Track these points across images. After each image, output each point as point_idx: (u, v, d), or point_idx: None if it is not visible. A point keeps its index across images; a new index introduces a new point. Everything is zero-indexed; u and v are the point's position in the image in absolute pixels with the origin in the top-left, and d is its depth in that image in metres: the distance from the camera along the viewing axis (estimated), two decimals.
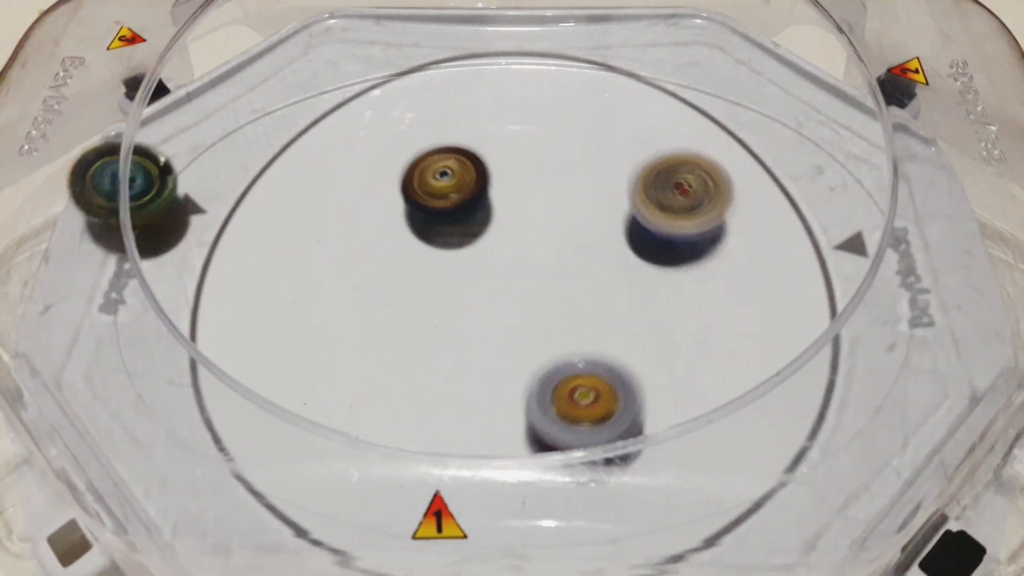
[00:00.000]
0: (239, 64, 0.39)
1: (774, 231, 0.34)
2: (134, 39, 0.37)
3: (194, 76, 0.39)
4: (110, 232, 0.32)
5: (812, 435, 0.28)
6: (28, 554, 0.28)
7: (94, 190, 0.33)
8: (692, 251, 0.34)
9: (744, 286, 0.33)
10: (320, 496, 0.27)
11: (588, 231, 0.34)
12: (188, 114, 0.37)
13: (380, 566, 0.27)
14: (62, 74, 0.36)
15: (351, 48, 0.40)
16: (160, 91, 0.37)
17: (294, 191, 0.36)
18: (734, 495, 0.27)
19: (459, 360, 0.31)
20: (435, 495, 0.26)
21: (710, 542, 0.26)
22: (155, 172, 0.34)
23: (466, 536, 0.26)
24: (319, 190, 0.36)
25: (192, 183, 0.35)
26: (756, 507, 0.27)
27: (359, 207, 0.35)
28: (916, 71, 0.35)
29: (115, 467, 0.28)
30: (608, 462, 0.27)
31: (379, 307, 0.33)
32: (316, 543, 0.27)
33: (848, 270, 0.33)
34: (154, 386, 0.29)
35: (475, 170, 0.34)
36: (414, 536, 0.26)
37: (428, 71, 0.39)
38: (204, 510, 0.27)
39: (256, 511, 0.27)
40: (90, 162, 0.33)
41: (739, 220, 0.34)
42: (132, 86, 0.35)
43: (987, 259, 0.31)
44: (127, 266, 0.32)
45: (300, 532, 0.27)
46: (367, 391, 0.31)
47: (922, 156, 0.33)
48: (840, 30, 0.35)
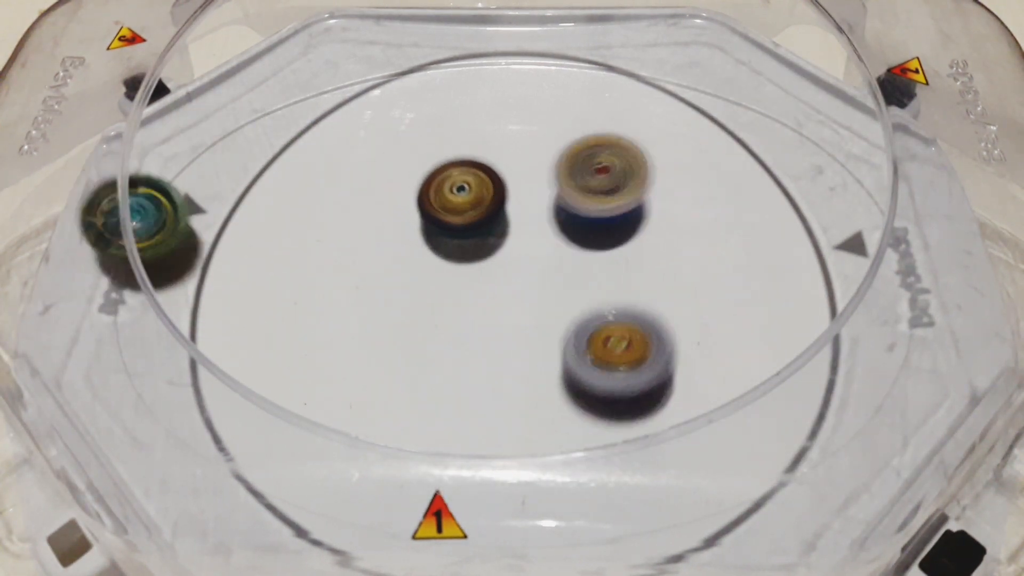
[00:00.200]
0: (239, 64, 0.39)
1: (774, 231, 0.34)
2: (134, 39, 0.37)
3: (194, 76, 0.39)
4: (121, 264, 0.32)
5: (812, 435, 0.28)
6: (28, 554, 0.28)
7: (109, 231, 0.32)
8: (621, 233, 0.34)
9: (744, 286, 0.33)
10: (320, 496, 0.27)
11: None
12: (188, 114, 0.37)
13: (380, 566, 0.27)
14: (62, 74, 0.36)
15: (351, 48, 0.40)
16: (160, 91, 0.37)
17: (294, 191, 0.36)
18: (734, 495, 0.27)
19: (459, 360, 0.31)
20: (435, 495, 0.26)
21: (710, 542, 0.26)
22: (166, 204, 0.33)
23: (466, 536, 0.26)
24: (319, 190, 0.36)
25: (192, 183, 0.35)
26: (756, 507, 0.27)
27: (359, 207, 0.35)
28: (916, 71, 0.35)
29: (115, 467, 0.28)
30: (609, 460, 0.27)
31: (379, 307, 0.33)
32: (316, 543, 0.27)
33: (848, 270, 0.33)
34: (154, 386, 0.29)
35: (492, 185, 0.34)
36: (414, 536, 0.26)
37: (428, 71, 0.39)
38: (204, 510, 0.27)
39: (256, 511, 0.27)
40: (98, 202, 0.32)
41: (739, 220, 0.34)
42: (132, 86, 0.35)
43: (987, 259, 0.31)
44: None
45: (300, 532, 0.27)
46: (367, 391, 0.31)
47: (922, 156, 0.33)
48: (840, 30, 0.35)
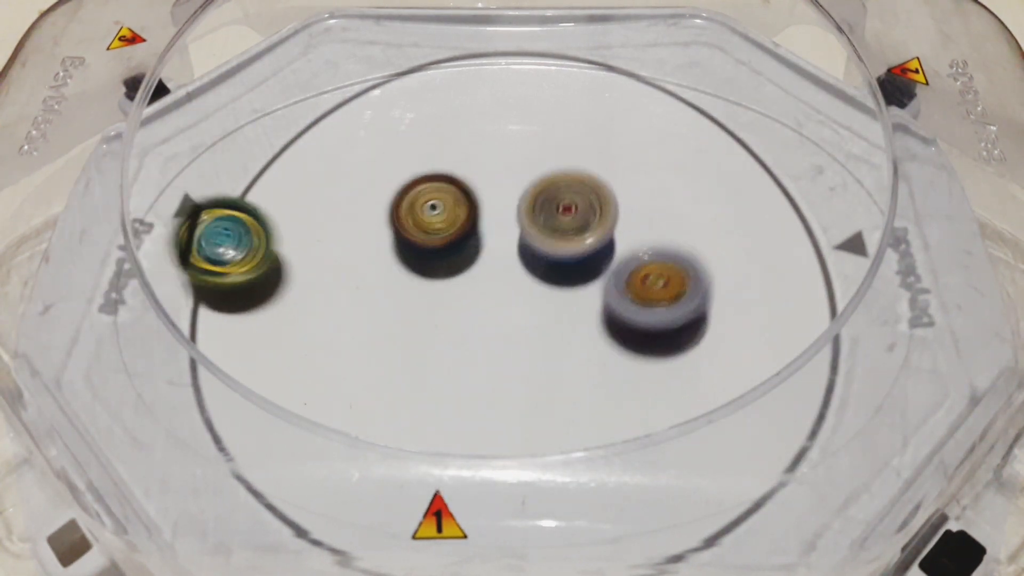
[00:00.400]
0: (239, 64, 0.39)
1: (774, 231, 0.34)
2: (134, 39, 0.37)
3: (194, 76, 0.39)
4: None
5: (812, 435, 0.28)
6: (28, 554, 0.28)
7: (204, 259, 0.32)
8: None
9: (744, 286, 0.33)
10: (320, 496, 0.27)
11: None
12: (188, 114, 0.37)
13: (380, 566, 0.27)
14: (62, 74, 0.36)
15: (351, 48, 0.40)
16: (160, 91, 0.37)
17: (294, 191, 0.36)
18: (734, 495, 0.27)
19: (459, 360, 0.31)
20: (435, 495, 0.26)
21: (710, 542, 0.26)
22: (258, 229, 0.32)
23: (466, 536, 0.26)
24: (319, 190, 0.36)
25: (192, 183, 0.35)
26: (756, 507, 0.27)
27: (359, 207, 0.35)
28: (916, 71, 0.35)
29: (115, 467, 0.28)
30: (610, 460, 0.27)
31: (379, 307, 0.33)
32: (316, 543, 0.27)
33: (848, 270, 0.33)
34: (154, 386, 0.29)
35: (467, 205, 0.33)
36: (414, 536, 0.26)
37: (428, 71, 0.39)
38: (204, 510, 0.27)
39: (256, 511, 0.27)
40: (190, 226, 0.32)
41: (739, 220, 0.34)
42: (132, 86, 0.35)
43: (987, 259, 0.31)
44: (127, 266, 0.32)
45: (300, 532, 0.27)
46: (367, 391, 0.31)
47: (922, 156, 0.33)
48: (840, 30, 0.35)
